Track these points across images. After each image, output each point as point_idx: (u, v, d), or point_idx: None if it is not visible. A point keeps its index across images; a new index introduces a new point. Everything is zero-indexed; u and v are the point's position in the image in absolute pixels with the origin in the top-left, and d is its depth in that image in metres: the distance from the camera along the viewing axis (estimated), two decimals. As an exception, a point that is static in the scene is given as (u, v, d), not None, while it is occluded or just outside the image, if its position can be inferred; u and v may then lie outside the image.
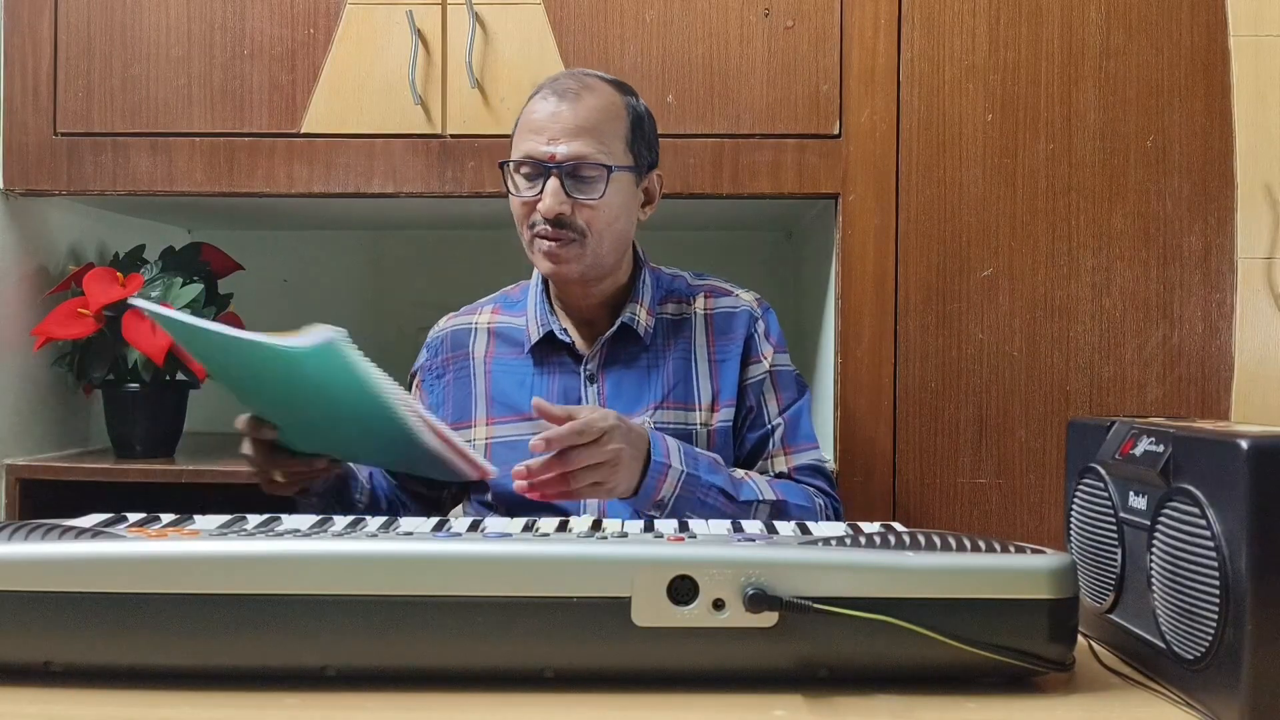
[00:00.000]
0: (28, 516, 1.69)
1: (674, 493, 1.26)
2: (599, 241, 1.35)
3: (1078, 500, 0.99)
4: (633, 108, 1.39)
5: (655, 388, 1.40)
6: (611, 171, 1.33)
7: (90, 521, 0.91)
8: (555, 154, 1.32)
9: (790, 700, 0.78)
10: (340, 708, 0.77)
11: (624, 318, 1.41)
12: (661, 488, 1.25)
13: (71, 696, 0.79)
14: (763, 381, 1.43)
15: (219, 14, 1.77)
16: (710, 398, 1.41)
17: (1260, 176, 1.72)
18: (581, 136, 1.32)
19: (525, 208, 1.35)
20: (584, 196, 1.33)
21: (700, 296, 1.47)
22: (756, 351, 1.43)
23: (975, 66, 1.73)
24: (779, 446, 1.42)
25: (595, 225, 1.34)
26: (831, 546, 0.82)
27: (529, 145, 1.34)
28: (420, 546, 0.80)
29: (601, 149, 1.33)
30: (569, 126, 1.33)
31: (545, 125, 1.33)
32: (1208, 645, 0.76)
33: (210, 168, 1.77)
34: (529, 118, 1.36)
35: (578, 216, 1.33)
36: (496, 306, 1.51)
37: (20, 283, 1.87)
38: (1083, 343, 1.73)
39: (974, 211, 1.73)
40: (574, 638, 0.78)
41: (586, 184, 1.33)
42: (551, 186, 1.32)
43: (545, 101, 1.35)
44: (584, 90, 1.35)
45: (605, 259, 1.38)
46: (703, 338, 1.44)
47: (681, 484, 1.26)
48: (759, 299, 1.49)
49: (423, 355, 1.51)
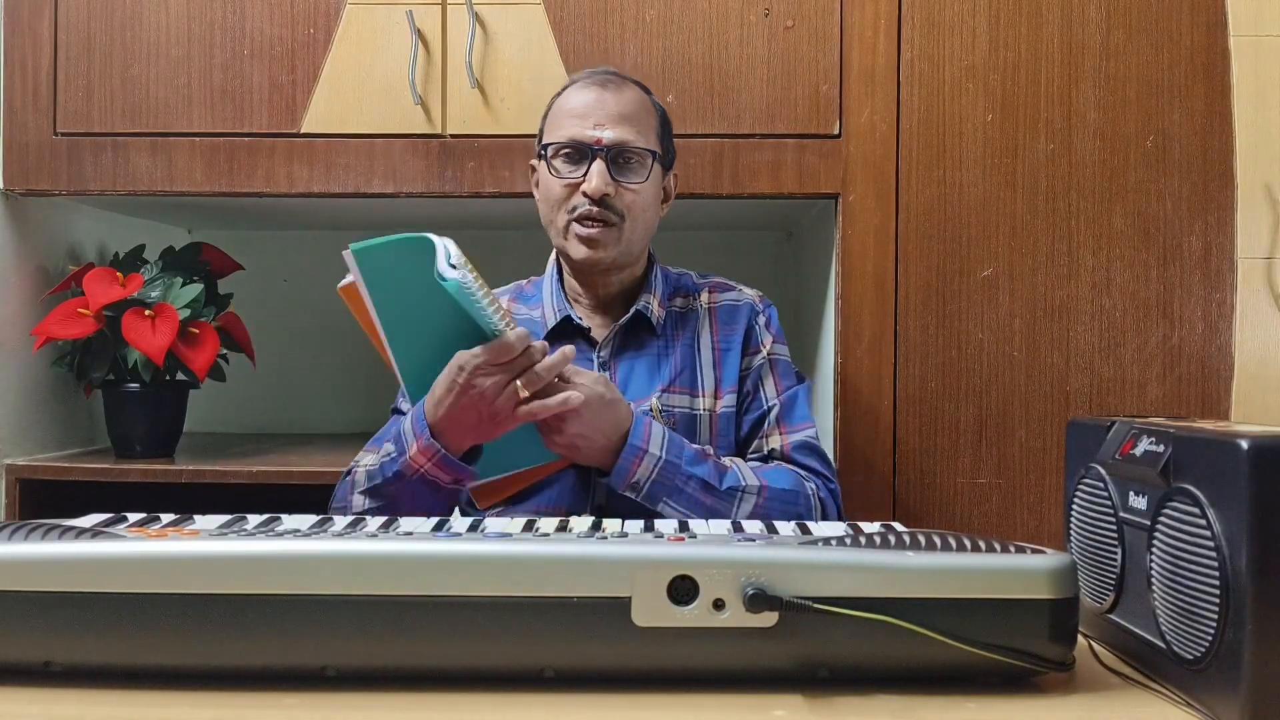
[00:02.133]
0: (28, 516, 1.69)
1: (650, 477, 1.28)
2: (634, 227, 1.40)
3: (1078, 500, 0.99)
4: (658, 105, 1.46)
5: (664, 373, 1.44)
6: (654, 157, 1.40)
7: (90, 521, 0.91)
8: (601, 138, 1.37)
9: (790, 700, 0.78)
10: (340, 708, 0.77)
11: (639, 306, 1.45)
12: (636, 470, 1.28)
13: (71, 696, 0.78)
14: (761, 367, 1.46)
15: (219, 14, 1.77)
16: (714, 385, 1.44)
17: (1260, 176, 1.72)
18: (624, 123, 1.38)
19: (567, 189, 1.39)
20: (627, 180, 1.38)
21: (705, 291, 1.52)
22: (756, 342, 1.47)
23: (975, 66, 1.73)
24: (774, 425, 1.44)
25: (634, 210, 1.39)
26: (831, 546, 0.82)
27: (572, 130, 1.38)
28: (420, 546, 0.80)
29: (642, 136, 1.40)
30: (613, 113, 1.38)
31: (590, 110, 1.38)
32: (1208, 645, 0.76)
33: (210, 168, 1.77)
34: (568, 104, 1.40)
35: (618, 200, 1.38)
36: (511, 298, 1.53)
37: (20, 283, 1.87)
38: (1083, 343, 1.73)
39: (974, 211, 1.73)
40: (574, 638, 0.78)
41: (629, 168, 1.39)
42: (598, 168, 1.36)
43: (586, 90, 1.40)
44: (622, 83, 1.42)
45: (635, 246, 1.42)
46: (707, 329, 1.48)
47: (659, 470, 1.28)
48: (761, 295, 1.53)
49: None
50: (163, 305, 1.82)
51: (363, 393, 2.34)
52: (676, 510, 1.29)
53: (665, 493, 1.29)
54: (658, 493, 1.29)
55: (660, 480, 1.29)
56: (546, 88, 1.72)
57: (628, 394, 1.39)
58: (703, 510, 1.30)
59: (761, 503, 1.32)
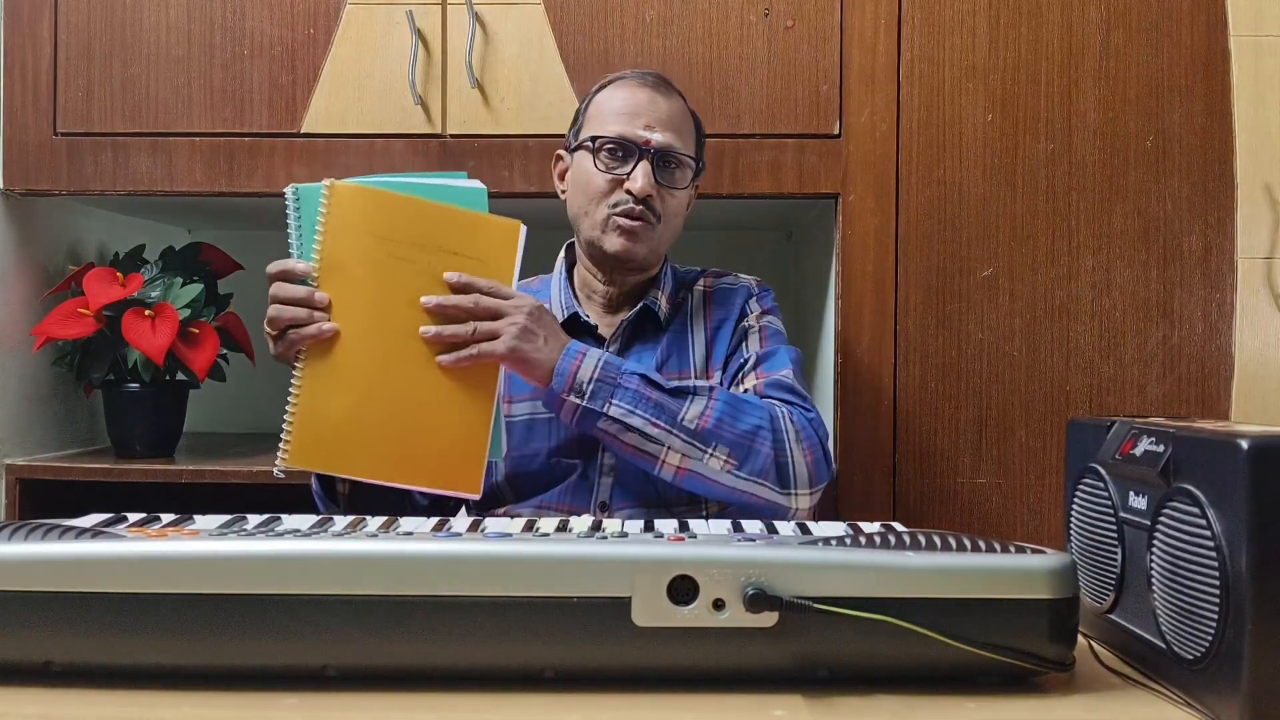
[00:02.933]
0: (28, 516, 1.69)
1: (593, 375, 1.26)
2: (666, 229, 1.42)
3: (1078, 500, 0.99)
4: (697, 117, 1.48)
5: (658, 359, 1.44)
6: (697, 165, 1.44)
7: (90, 521, 0.91)
8: (651, 140, 1.38)
9: (790, 700, 0.78)
10: (340, 708, 0.77)
11: (647, 301, 1.46)
12: (579, 370, 1.26)
13: (71, 696, 0.78)
14: (748, 331, 1.46)
15: (219, 14, 1.77)
16: (704, 362, 1.45)
17: (1260, 176, 1.72)
18: (672, 128, 1.40)
19: (611, 184, 1.39)
20: (669, 184, 1.40)
21: (702, 279, 1.53)
22: (747, 315, 1.48)
23: (975, 66, 1.74)
24: (750, 371, 1.41)
25: (670, 213, 1.42)
26: (831, 546, 0.82)
27: (621, 127, 1.39)
28: (420, 546, 0.80)
29: (685, 144, 1.42)
30: (663, 116, 1.40)
31: (641, 110, 1.39)
32: (1208, 645, 0.76)
33: (210, 168, 1.77)
34: (616, 101, 1.41)
35: (659, 202, 1.39)
36: None
37: (20, 283, 1.87)
38: (1083, 343, 1.73)
39: (974, 211, 1.74)
40: (574, 638, 0.78)
41: (673, 172, 1.41)
42: (644, 169, 1.37)
43: (638, 90, 1.41)
44: (671, 89, 1.44)
45: (663, 249, 1.45)
46: (701, 311, 1.49)
47: (600, 368, 1.27)
48: (759, 280, 1.55)
49: None
50: (163, 305, 1.82)
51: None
52: (621, 408, 1.25)
53: (609, 392, 1.26)
54: (601, 393, 1.26)
55: (603, 379, 1.26)
56: (546, 88, 1.73)
57: None
58: (650, 408, 1.26)
59: (712, 404, 1.28)
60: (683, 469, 1.27)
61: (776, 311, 1.50)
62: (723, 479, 1.27)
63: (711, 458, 1.27)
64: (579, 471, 1.37)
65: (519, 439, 1.39)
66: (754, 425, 1.28)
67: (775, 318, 1.49)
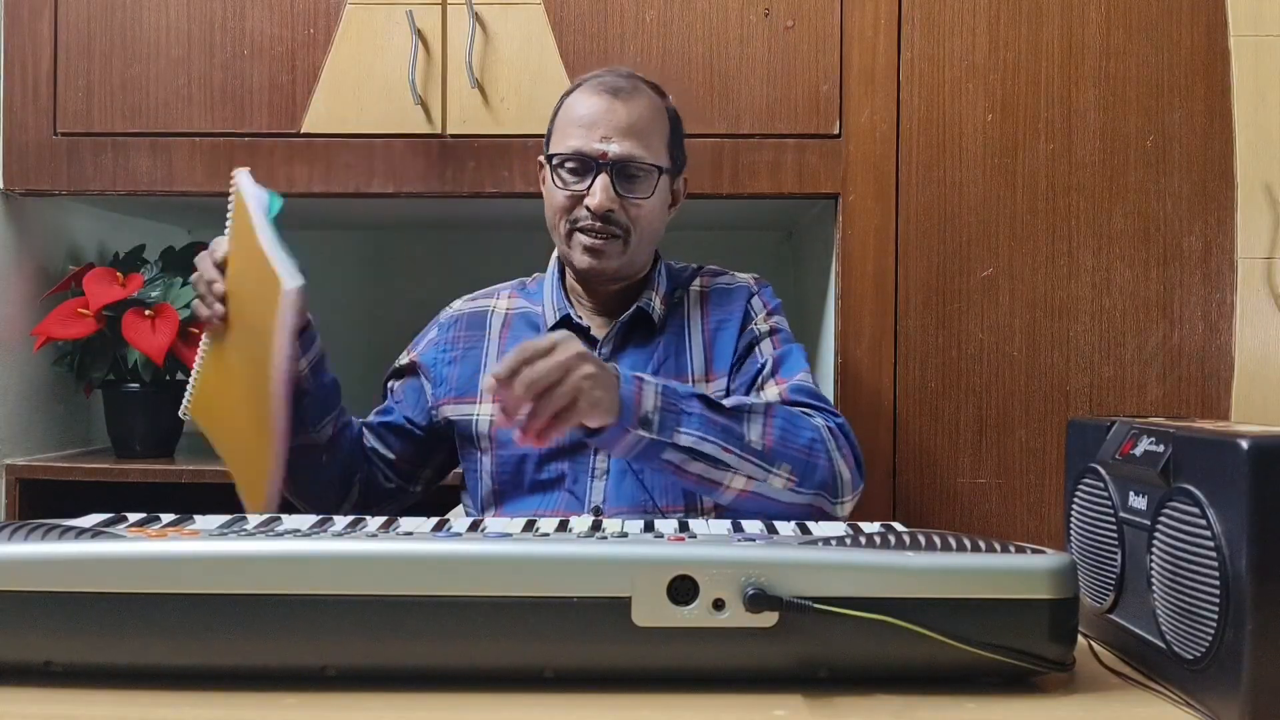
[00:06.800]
0: (28, 516, 1.69)
1: (656, 404, 1.19)
2: (639, 239, 1.37)
3: (1078, 500, 0.99)
4: (670, 111, 1.42)
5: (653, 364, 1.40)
6: (661, 172, 1.37)
7: (90, 521, 0.91)
8: (607, 152, 1.33)
9: (790, 700, 0.78)
10: (340, 708, 0.77)
11: (641, 303, 1.42)
12: (642, 400, 1.18)
13: (71, 696, 0.78)
14: (756, 336, 1.42)
15: (219, 14, 1.77)
16: (704, 366, 1.41)
17: (1260, 176, 1.72)
18: (632, 136, 1.34)
19: (570, 200, 1.36)
20: (632, 195, 1.35)
21: (698, 278, 1.50)
22: (752, 318, 1.44)
23: (975, 66, 1.73)
24: (769, 378, 1.38)
25: (639, 223, 1.36)
26: (831, 546, 0.82)
27: (578, 141, 1.34)
28: (420, 546, 0.80)
29: (650, 149, 1.36)
30: (621, 125, 1.34)
31: (597, 121, 1.34)
32: (1208, 645, 0.76)
33: (210, 168, 1.77)
34: (576, 112, 1.37)
35: (623, 214, 1.35)
36: (513, 292, 1.51)
37: (20, 283, 1.87)
38: (1083, 343, 1.73)
39: (974, 211, 1.73)
40: (574, 638, 0.78)
41: (635, 183, 1.35)
42: (602, 183, 1.33)
43: (597, 98, 1.36)
44: (633, 91, 1.37)
45: (639, 257, 1.40)
46: (698, 312, 1.45)
47: (661, 394, 1.20)
48: (757, 278, 1.51)
49: (431, 331, 1.50)
50: (163, 305, 1.82)
51: (362, 392, 2.34)
52: (691, 435, 1.20)
53: (675, 420, 1.19)
54: (668, 422, 1.19)
55: (666, 407, 1.19)
56: (546, 88, 1.73)
57: None
58: (718, 433, 1.21)
59: (770, 421, 1.25)
60: (746, 491, 1.23)
61: (780, 308, 1.48)
62: (783, 496, 1.24)
63: (775, 476, 1.23)
64: (569, 478, 1.36)
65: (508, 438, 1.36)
66: (810, 439, 1.26)
67: (780, 316, 1.47)
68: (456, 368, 1.44)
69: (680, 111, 1.45)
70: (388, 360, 1.55)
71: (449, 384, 1.44)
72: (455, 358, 1.45)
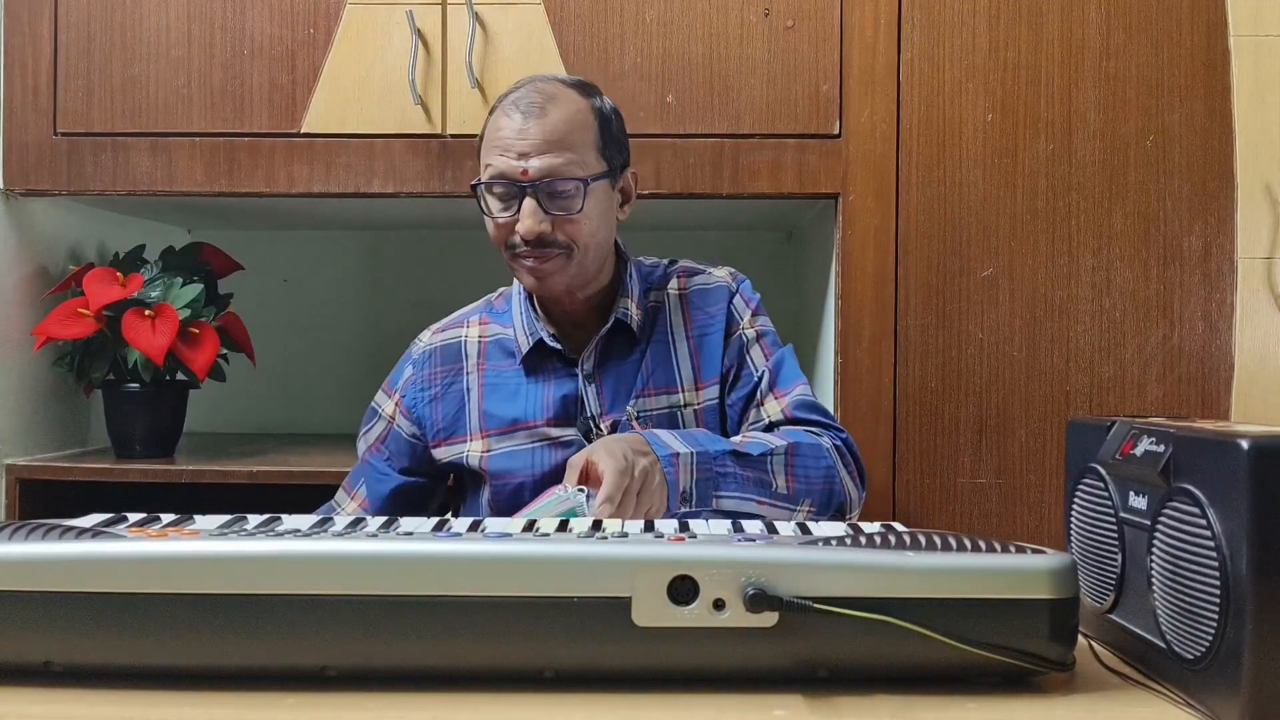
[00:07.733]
0: (28, 516, 1.69)
1: (693, 477, 1.21)
2: (584, 254, 1.32)
3: (1078, 500, 0.99)
4: (599, 110, 1.34)
5: (641, 379, 1.38)
6: (588, 184, 1.29)
7: (90, 521, 0.91)
8: (527, 169, 1.27)
9: (790, 700, 0.78)
10: (340, 708, 0.77)
11: (618, 314, 1.38)
12: (680, 477, 1.20)
13: (71, 696, 0.78)
14: (745, 343, 1.41)
15: (219, 14, 1.77)
16: (693, 376, 1.39)
17: (1260, 176, 1.72)
18: (552, 150, 1.27)
19: (502, 229, 1.31)
20: (563, 212, 1.29)
21: (674, 279, 1.45)
22: (737, 322, 1.42)
23: (975, 66, 1.73)
24: (767, 392, 1.38)
25: (579, 239, 1.30)
26: (831, 546, 0.82)
27: (499, 163, 1.29)
28: (420, 546, 0.80)
29: (574, 161, 1.28)
30: (537, 141, 1.27)
31: (512, 142, 1.28)
32: (1208, 645, 0.76)
33: (210, 168, 1.77)
34: (494, 135, 1.30)
35: (559, 233, 1.29)
36: (483, 316, 1.46)
37: (20, 283, 1.87)
38: (1083, 343, 1.73)
39: (974, 211, 1.74)
40: (574, 638, 0.78)
41: (563, 199, 1.29)
42: (528, 207, 1.28)
43: (509, 117, 1.29)
44: (548, 102, 1.29)
45: (590, 269, 1.35)
46: (679, 318, 1.41)
47: (696, 465, 1.21)
48: (733, 273, 1.48)
49: (406, 370, 1.46)
50: (163, 305, 1.82)
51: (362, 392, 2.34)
52: (730, 498, 1.22)
53: (712, 485, 1.22)
54: (706, 490, 1.21)
55: (702, 475, 1.21)
56: (546, 88, 1.72)
57: (615, 406, 1.36)
58: (753, 489, 1.23)
59: (791, 461, 1.27)
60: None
61: (762, 308, 1.45)
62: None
63: (798, 512, 1.29)
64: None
65: (500, 471, 1.36)
66: (825, 468, 1.30)
67: (764, 315, 1.45)
68: (439, 406, 1.42)
69: (680, 111, 1.44)
70: (387, 360, 1.54)
71: (434, 425, 1.42)
72: (436, 395, 1.42)
